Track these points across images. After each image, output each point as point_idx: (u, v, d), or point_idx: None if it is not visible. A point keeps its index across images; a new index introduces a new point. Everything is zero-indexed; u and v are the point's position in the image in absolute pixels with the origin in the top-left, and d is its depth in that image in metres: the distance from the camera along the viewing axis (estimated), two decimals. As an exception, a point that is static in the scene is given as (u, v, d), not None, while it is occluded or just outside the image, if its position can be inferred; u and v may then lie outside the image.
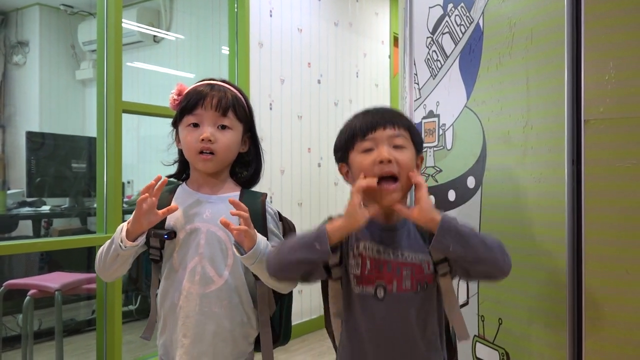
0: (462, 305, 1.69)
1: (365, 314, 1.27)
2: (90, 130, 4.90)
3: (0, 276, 3.75)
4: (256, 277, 1.38)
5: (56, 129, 4.97)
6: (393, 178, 1.23)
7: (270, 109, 3.64)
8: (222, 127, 1.38)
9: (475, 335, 1.64)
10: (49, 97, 5.25)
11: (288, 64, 3.79)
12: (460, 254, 1.16)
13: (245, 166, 1.50)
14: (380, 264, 1.26)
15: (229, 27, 3.47)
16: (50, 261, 3.93)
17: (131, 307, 3.85)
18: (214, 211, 1.39)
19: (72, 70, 5.43)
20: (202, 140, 1.35)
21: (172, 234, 1.38)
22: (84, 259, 3.84)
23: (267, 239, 1.38)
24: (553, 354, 1.40)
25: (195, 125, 1.37)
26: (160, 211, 1.31)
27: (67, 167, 3.79)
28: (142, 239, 1.32)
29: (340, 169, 1.35)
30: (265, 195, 1.47)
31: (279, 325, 1.50)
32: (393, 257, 1.26)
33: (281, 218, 1.50)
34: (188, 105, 1.38)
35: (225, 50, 3.56)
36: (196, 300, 1.36)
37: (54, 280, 2.79)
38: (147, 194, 1.29)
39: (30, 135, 3.86)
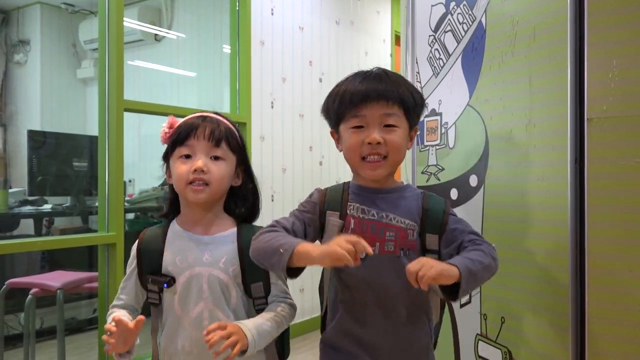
0: (465, 304, 1.69)
1: (346, 274, 1.27)
2: (91, 128, 4.91)
3: (2, 275, 3.75)
4: (256, 310, 1.38)
5: (57, 128, 4.97)
6: (382, 157, 1.24)
7: (272, 107, 3.63)
8: (215, 158, 1.35)
9: (477, 334, 1.64)
10: (50, 96, 5.25)
11: (289, 62, 3.78)
12: (474, 288, 1.18)
13: (241, 200, 1.45)
14: (363, 224, 1.26)
15: (230, 26, 3.46)
16: (52, 260, 3.93)
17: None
18: (213, 253, 1.36)
19: (73, 69, 5.43)
20: (195, 170, 1.31)
21: (172, 281, 1.35)
22: (85, 257, 3.85)
23: (270, 276, 1.37)
24: (556, 353, 1.40)
25: (188, 156, 1.34)
26: (131, 326, 1.25)
27: (68, 165, 3.79)
28: (128, 357, 1.31)
29: (332, 135, 1.35)
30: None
31: (280, 345, 1.47)
32: (377, 218, 1.25)
33: None
34: (180, 137, 1.35)
35: (227, 48, 3.56)
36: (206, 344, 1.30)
37: (56, 279, 2.79)
38: (112, 340, 1.25)
39: (32, 134, 3.86)
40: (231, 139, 1.38)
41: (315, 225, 1.30)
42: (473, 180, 1.66)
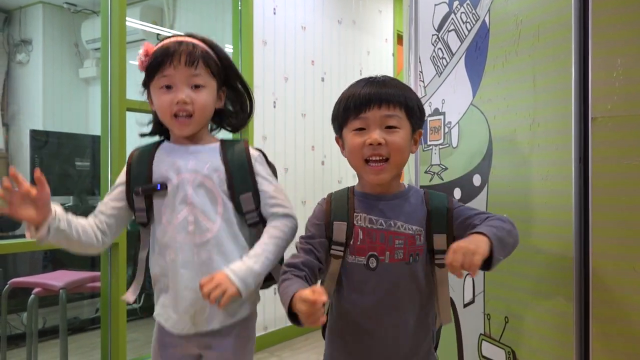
0: (468, 304, 1.68)
1: (356, 283, 1.27)
2: (93, 128, 4.91)
3: (5, 274, 3.75)
4: (249, 225, 1.39)
5: (60, 127, 4.97)
6: (384, 158, 1.24)
7: (274, 107, 3.63)
8: (196, 86, 1.34)
9: (481, 334, 1.64)
10: (52, 96, 5.25)
11: (292, 61, 3.78)
12: (505, 257, 1.17)
13: (227, 118, 1.46)
14: (372, 234, 1.26)
15: (232, 26, 3.46)
16: (54, 259, 3.94)
17: (135, 306, 3.85)
18: (198, 160, 1.37)
19: (75, 69, 5.43)
20: (177, 103, 1.32)
21: (164, 185, 1.35)
22: (87, 257, 3.85)
23: (257, 184, 1.38)
24: (560, 353, 1.40)
25: (168, 87, 1.34)
26: (32, 190, 1.20)
27: (70, 165, 3.79)
28: (43, 229, 1.25)
29: (337, 141, 1.36)
30: (246, 141, 1.45)
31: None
32: (385, 227, 1.25)
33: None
34: (157, 64, 1.33)
35: (229, 47, 3.56)
36: (193, 250, 1.34)
37: (59, 279, 2.80)
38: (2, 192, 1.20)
39: (34, 134, 3.86)
40: (210, 62, 1.37)
41: (326, 245, 1.29)
42: (477, 180, 1.65)
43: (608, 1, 1.32)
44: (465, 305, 1.70)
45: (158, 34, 4.96)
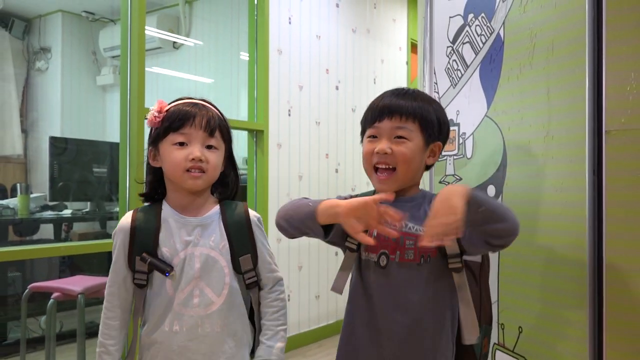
0: (482, 313, 1.69)
1: (368, 280, 1.32)
2: (110, 135, 4.98)
3: (23, 279, 3.81)
4: (247, 286, 1.43)
5: (77, 134, 5.05)
6: (391, 168, 1.30)
7: (289, 115, 3.67)
8: (209, 147, 1.38)
9: (495, 343, 1.65)
10: (71, 103, 5.33)
11: (306, 70, 3.82)
12: (489, 211, 1.17)
13: (222, 185, 1.48)
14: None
15: (248, 35, 3.51)
16: (72, 264, 3.99)
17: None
18: (203, 234, 1.39)
19: (93, 76, 5.52)
20: (192, 159, 1.34)
21: (171, 269, 1.36)
22: (104, 262, 3.90)
23: (257, 251, 1.42)
24: (573, 363, 1.41)
25: (182, 144, 1.36)
26: None
27: (88, 171, 3.85)
28: None
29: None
30: (245, 204, 1.48)
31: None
32: (397, 227, 1.28)
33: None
34: (175, 124, 1.37)
35: (244, 55, 3.60)
36: (197, 322, 1.36)
37: (77, 284, 2.84)
38: None
39: (54, 140, 3.93)
40: (223, 129, 1.42)
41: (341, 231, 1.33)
42: (491, 191, 1.67)
43: (622, 15, 1.33)
44: (479, 315, 1.71)
45: (174, 42, 5.03)
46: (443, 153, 1.86)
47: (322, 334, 3.81)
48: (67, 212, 4.01)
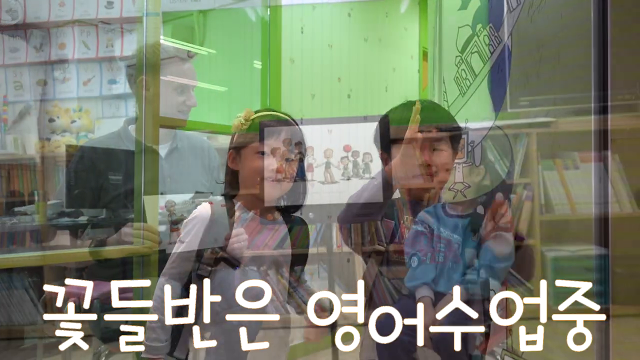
0: (491, 319, 1.70)
1: (395, 282, 1.38)
2: (125, 143, 5.01)
3: (40, 284, 3.85)
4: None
5: (93, 142, 5.10)
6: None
7: (301, 123, 3.69)
8: (287, 159, 1.47)
9: (503, 349, 1.66)
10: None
11: (318, 79, 3.85)
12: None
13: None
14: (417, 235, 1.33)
15: (261, 45, 3.55)
16: (87, 270, 4.02)
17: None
18: (273, 236, 1.47)
19: (108, 85, 5.58)
20: (272, 170, 1.42)
21: (239, 264, 1.42)
22: (119, 268, 3.93)
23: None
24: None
25: (263, 153, 1.44)
26: None
27: (104, 179, 3.89)
28: None
29: (380, 155, 1.43)
30: (304, 221, 1.56)
31: None
32: (428, 231, 1.31)
33: None
34: (261, 137, 1.46)
35: (257, 64, 3.65)
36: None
37: (93, 289, 2.87)
38: None
39: (69, 148, 3.97)
40: (303, 146, 1.50)
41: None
42: (499, 198, 1.68)
43: (627, 27, 1.36)
44: (487, 321, 1.72)
45: (189, 51, 5.08)
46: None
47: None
48: (82, 219, 4.05)
